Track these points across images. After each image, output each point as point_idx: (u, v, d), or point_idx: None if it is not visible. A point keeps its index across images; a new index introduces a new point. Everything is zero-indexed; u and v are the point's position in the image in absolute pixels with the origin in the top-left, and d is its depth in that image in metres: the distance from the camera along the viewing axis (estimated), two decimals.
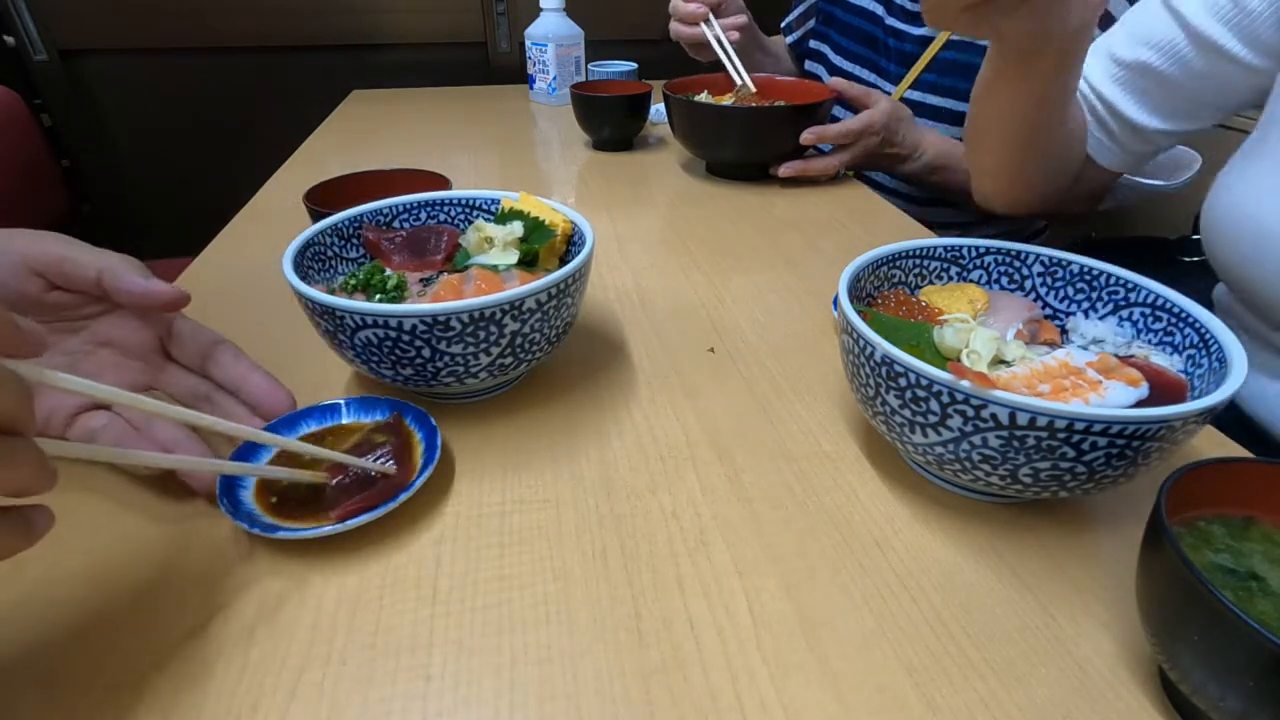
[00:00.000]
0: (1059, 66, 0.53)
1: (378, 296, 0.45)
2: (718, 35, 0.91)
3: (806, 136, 0.83)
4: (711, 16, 0.92)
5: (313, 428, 0.41)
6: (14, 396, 0.21)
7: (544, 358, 0.44)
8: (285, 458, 0.38)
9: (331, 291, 0.44)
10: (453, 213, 0.53)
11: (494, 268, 0.46)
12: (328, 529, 0.33)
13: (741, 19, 0.96)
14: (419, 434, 0.40)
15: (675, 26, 0.95)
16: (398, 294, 0.45)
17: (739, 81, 0.91)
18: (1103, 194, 0.72)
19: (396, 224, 0.51)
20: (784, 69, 1.16)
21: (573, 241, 0.50)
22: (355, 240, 0.49)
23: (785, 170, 0.86)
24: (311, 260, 0.45)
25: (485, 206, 0.52)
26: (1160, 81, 0.59)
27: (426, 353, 0.38)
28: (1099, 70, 0.64)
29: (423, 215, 0.52)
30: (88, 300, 0.38)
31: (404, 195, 0.52)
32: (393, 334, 0.37)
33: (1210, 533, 0.29)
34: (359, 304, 0.37)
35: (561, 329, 0.44)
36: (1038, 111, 0.58)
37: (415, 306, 0.37)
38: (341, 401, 0.41)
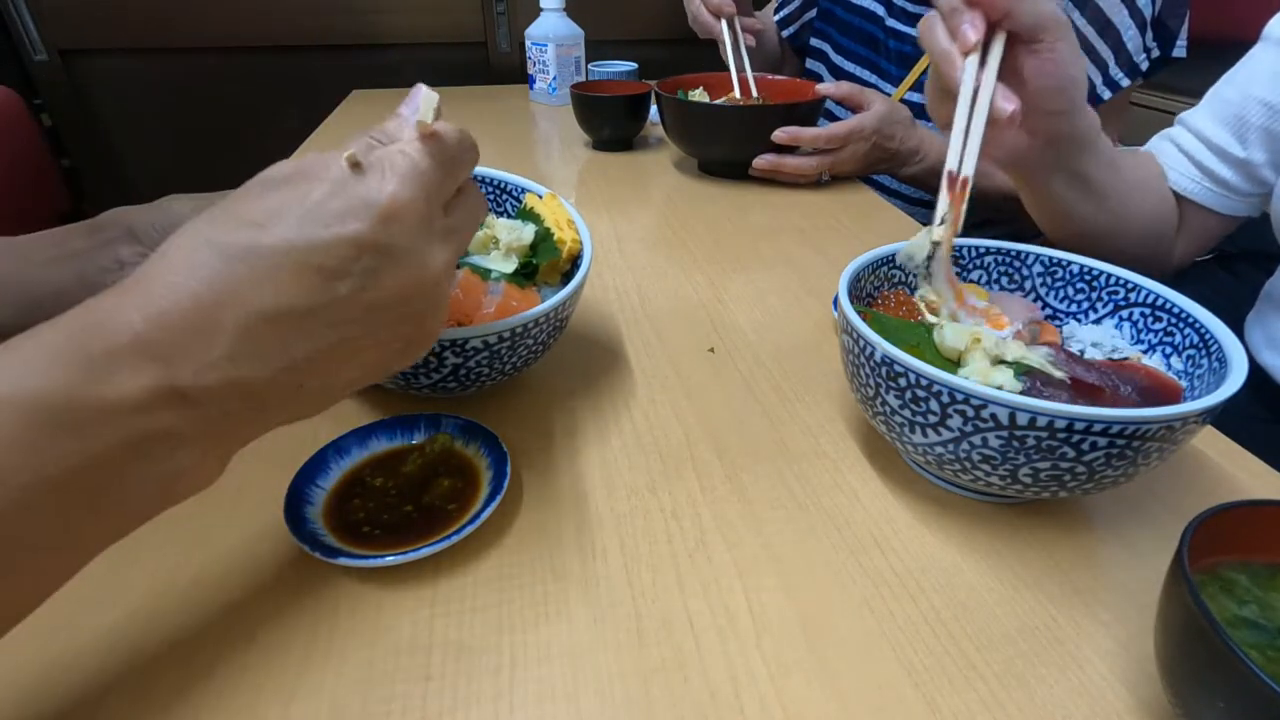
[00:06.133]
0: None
1: None
2: (735, 39, 0.91)
3: (779, 135, 0.81)
4: (729, 22, 0.92)
5: (384, 445, 0.40)
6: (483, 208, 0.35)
7: (504, 378, 0.43)
8: (371, 467, 0.38)
9: None
10: (484, 191, 0.51)
11: (486, 273, 0.45)
12: (392, 559, 0.32)
13: (758, 24, 0.96)
14: (487, 459, 0.38)
15: (698, 12, 0.95)
16: None
17: (736, 92, 0.91)
18: (1215, 242, 0.71)
19: None
20: (768, 50, 1.14)
21: (578, 261, 0.48)
22: None
23: (758, 163, 0.84)
24: None
25: (515, 193, 0.51)
26: (1273, 115, 0.60)
27: None
28: (1206, 117, 0.64)
29: None
30: None
31: None
32: None
33: (1235, 581, 0.27)
34: None
35: (519, 363, 0.42)
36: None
37: None
38: (412, 416, 0.40)
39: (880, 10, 0.96)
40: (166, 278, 0.24)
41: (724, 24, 0.92)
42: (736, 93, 0.92)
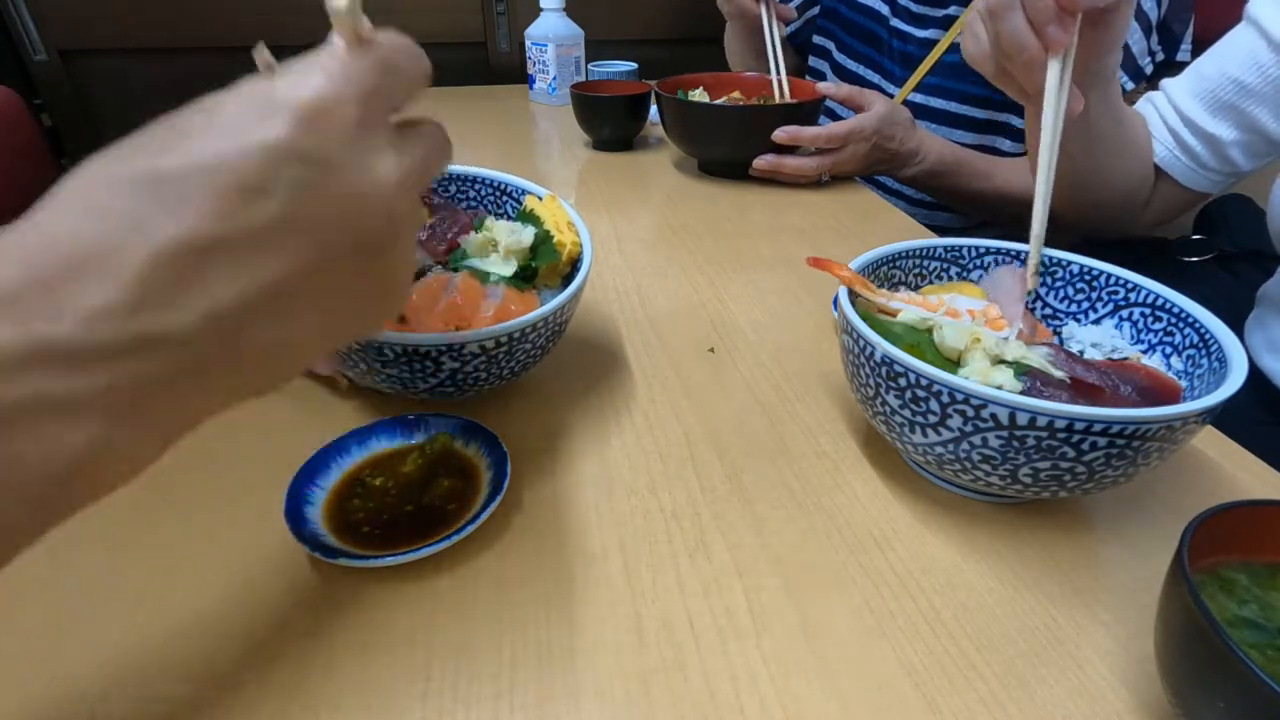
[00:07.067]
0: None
1: None
2: (772, 33, 0.90)
3: (779, 135, 0.81)
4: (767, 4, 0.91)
5: (384, 445, 0.39)
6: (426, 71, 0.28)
7: (503, 383, 0.43)
8: (371, 467, 0.38)
9: None
10: (482, 191, 0.51)
11: (485, 276, 0.44)
12: (392, 559, 0.32)
13: (791, 13, 0.96)
14: (487, 459, 0.38)
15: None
16: None
17: (775, 85, 0.91)
18: (1179, 214, 0.72)
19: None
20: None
21: (577, 264, 0.47)
22: None
23: (758, 163, 0.84)
24: None
25: (515, 194, 0.51)
26: (1243, 94, 0.60)
27: (363, 366, 0.39)
28: (1183, 88, 0.64)
29: (452, 188, 0.51)
30: None
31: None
32: None
33: (1235, 581, 0.27)
34: None
35: (517, 368, 0.42)
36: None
37: None
38: (412, 416, 0.40)
39: (884, 10, 0.96)
40: (46, 219, 0.20)
41: (764, 6, 0.91)
42: (775, 85, 0.91)
